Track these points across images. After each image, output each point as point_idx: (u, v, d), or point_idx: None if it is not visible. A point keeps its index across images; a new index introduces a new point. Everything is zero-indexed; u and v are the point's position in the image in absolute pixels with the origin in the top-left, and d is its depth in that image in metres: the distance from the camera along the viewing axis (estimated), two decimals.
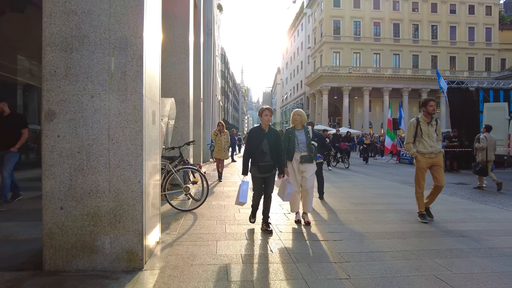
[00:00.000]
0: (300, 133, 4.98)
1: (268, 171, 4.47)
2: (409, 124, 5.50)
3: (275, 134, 4.52)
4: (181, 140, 8.04)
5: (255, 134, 4.55)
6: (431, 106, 5.34)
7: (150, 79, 3.44)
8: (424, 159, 5.27)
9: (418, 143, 5.34)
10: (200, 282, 2.91)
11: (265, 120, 4.48)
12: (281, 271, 3.23)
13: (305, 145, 4.93)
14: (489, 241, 4.30)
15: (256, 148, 4.43)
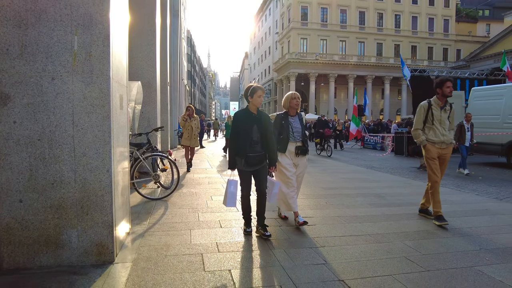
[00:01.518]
0: (295, 120, 4.27)
1: (259, 163, 3.76)
2: (419, 107, 4.70)
3: (265, 119, 3.81)
4: (148, 126, 7.73)
5: (243, 118, 3.76)
6: (448, 87, 4.47)
7: (117, 61, 3.21)
8: (434, 148, 4.57)
9: (428, 130, 4.62)
10: (176, 273, 2.82)
11: (258, 102, 3.75)
12: (258, 258, 3.20)
13: (300, 134, 4.24)
14: (451, 222, 4.53)
15: (246, 136, 3.68)
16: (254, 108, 3.79)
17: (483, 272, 2.99)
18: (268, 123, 3.84)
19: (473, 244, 3.72)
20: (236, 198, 3.79)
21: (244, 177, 3.83)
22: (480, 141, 11.62)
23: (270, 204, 4.25)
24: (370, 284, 2.73)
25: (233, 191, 3.74)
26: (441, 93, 4.52)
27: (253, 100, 3.76)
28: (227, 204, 3.77)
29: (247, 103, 3.89)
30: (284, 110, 4.39)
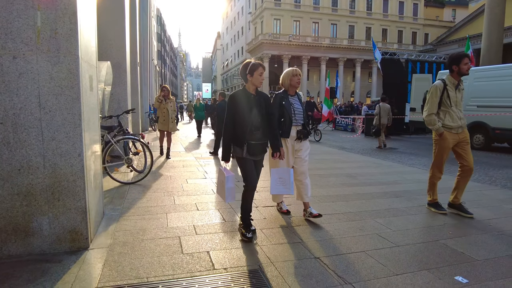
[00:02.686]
0: (295, 101, 3.82)
1: (260, 153, 3.35)
2: (433, 88, 4.08)
3: (266, 100, 3.35)
4: (118, 108, 7.47)
5: (242, 100, 3.23)
6: (466, 64, 3.92)
7: (86, 40, 3.04)
8: (451, 135, 4.05)
9: (444, 115, 4.06)
10: (154, 257, 2.80)
11: (259, 81, 3.23)
12: (236, 239, 3.24)
13: (302, 117, 3.82)
14: (419, 199, 4.78)
15: (245, 121, 3.18)
16: (253, 89, 3.28)
17: (447, 245, 3.20)
18: (269, 104, 3.40)
19: (438, 220, 3.94)
20: (235, 192, 3.29)
21: (247, 166, 3.28)
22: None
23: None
24: (344, 260, 2.85)
25: (232, 186, 3.25)
26: (457, 70, 3.96)
27: (253, 79, 3.22)
28: (226, 200, 3.23)
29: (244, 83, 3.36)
30: (283, 88, 3.91)
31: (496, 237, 3.44)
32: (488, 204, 4.65)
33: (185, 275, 2.52)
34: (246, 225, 3.29)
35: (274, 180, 3.57)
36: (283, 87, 3.90)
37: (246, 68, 3.25)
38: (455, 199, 4.20)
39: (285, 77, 3.85)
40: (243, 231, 3.24)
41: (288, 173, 3.51)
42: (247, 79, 3.26)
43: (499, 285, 2.50)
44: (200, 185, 5.39)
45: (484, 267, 2.78)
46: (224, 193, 3.21)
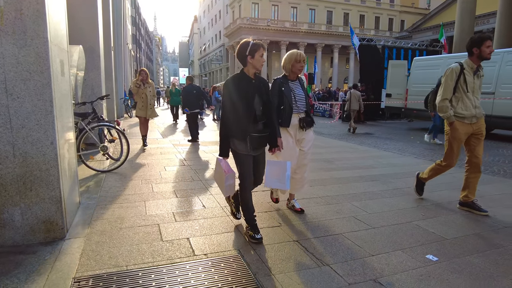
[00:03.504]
0: (296, 86, 3.47)
1: (262, 145, 3.05)
2: (448, 71, 3.70)
3: (265, 86, 3.01)
4: (92, 94, 7.21)
5: (242, 87, 2.86)
6: (489, 47, 3.55)
7: (55, 22, 2.89)
8: (464, 126, 3.68)
9: (456, 102, 3.71)
10: (133, 245, 2.78)
11: (260, 64, 2.86)
12: (216, 225, 3.26)
13: (304, 103, 3.47)
14: (394, 183, 4.94)
15: (247, 110, 2.84)
16: (252, 73, 2.91)
17: (419, 226, 3.34)
18: (268, 90, 3.08)
19: (411, 202, 4.10)
20: (235, 187, 3.06)
21: (246, 163, 2.96)
22: (419, 108, 12.52)
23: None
24: (322, 243, 2.92)
25: (232, 183, 2.98)
26: (477, 54, 3.60)
27: (254, 61, 2.83)
28: (226, 194, 3.08)
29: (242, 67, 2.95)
30: (283, 73, 3.55)
31: (464, 217, 3.62)
32: (458, 186, 4.84)
33: (165, 262, 2.52)
34: (252, 227, 2.97)
35: (269, 172, 3.23)
36: (284, 70, 3.50)
37: (246, 49, 2.81)
38: (466, 197, 3.86)
39: (287, 61, 3.43)
40: (250, 233, 2.93)
41: (285, 166, 3.13)
42: (246, 61, 2.84)
43: (466, 261, 2.65)
44: (178, 172, 5.34)
45: (453, 245, 2.93)
46: (223, 187, 2.98)
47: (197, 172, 5.37)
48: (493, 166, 6.34)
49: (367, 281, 2.33)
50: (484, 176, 5.50)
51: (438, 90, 3.88)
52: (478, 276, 2.44)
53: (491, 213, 3.72)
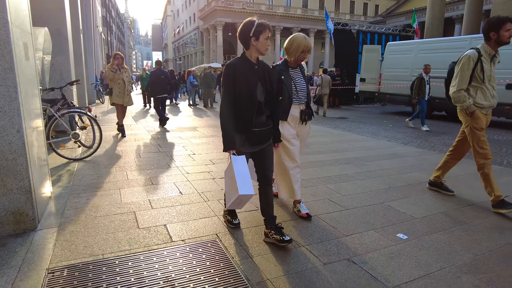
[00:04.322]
0: (297, 74, 3.12)
1: (265, 140, 2.67)
2: (464, 59, 3.40)
3: (269, 73, 2.66)
4: (61, 79, 6.91)
5: (243, 73, 2.52)
6: (509, 30, 3.25)
7: (16, 1, 2.72)
8: (483, 115, 3.47)
9: (475, 91, 3.44)
10: (109, 233, 2.74)
11: (265, 47, 2.52)
12: (193, 211, 3.26)
13: (305, 94, 3.12)
14: (367, 165, 5.09)
15: (249, 100, 2.51)
16: (255, 57, 2.57)
17: (391, 207, 3.48)
18: (273, 78, 2.74)
19: (383, 183, 4.25)
20: (250, 179, 2.47)
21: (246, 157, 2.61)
22: (391, 92, 12.83)
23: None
24: (298, 225, 3.00)
25: (245, 172, 2.44)
26: (495, 38, 3.32)
27: (258, 44, 2.48)
28: (240, 191, 2.35)
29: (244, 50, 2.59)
30: (284, 58, 3.16)
31: (433, 197, 3.80)
32: (428, 167, 5.07)
33: (142, 249, 2.51)
34: (230, 211, 2.90)
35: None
36: (286, 55, 3.10)
37: (250, 29, 2.46)
38: (437, 178, 3.98)
39: (295, 48, 2.99)
40: (228, 217, 2.83)
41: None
42: (249, 44, 2.49)
43: (433, 238, 2.80)
44: (154, 159, 5.27)
45: (421, 224, 3.08)
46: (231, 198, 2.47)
47: (173, 158, 5.31)
48: None
49: (341, 261, 2.42)
50: None
51: (452, 80, 3.52)
52: (443, 251, 2.59)
53: (456, 193, 3.92)
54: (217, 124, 9.21)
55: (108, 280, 2.10)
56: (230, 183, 2.52)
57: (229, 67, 2.55)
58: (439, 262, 2.43)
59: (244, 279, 2.16)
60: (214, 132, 7.89)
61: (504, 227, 3.05)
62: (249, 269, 2.29)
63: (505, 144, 7.16)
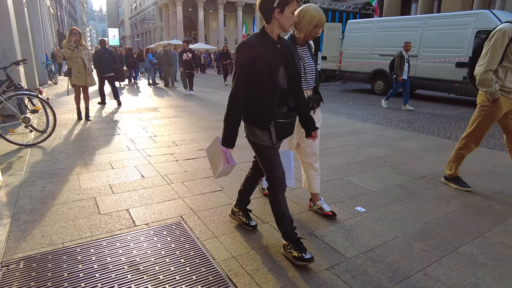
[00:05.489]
0: (306, 53, 2.61)
1: (288, 134, 2.30)
2: (499, 34, 2.98)
3: (291, 52, 2.20)
4: (4, 58, 6.38)
5: (264, 52, 2.07)
6: None
7: None
8: (507, 102, 3.11)
9: (505, 73, 3.06)
10: (68, 221, 2.65)
11: (289, 22, 2.06)
12: (156, 194, 3.22)
13: (314, 76, 2.62)
14: (327, 142, 5.25)
15: (271, 87, 2.09)
16: (277, 34, 2.13)
17: (350, 181, 3.64)
18: (297, 59, 2.37)
19: (343, 159, 4.42)
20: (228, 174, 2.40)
21: (274, 157, 2.23)
22: (352, 70, 13.16)
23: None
24: (261, 202, 3.06)
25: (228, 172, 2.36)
26: None
27: (282, 18, 2.04)
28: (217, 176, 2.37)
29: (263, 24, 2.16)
30: (290, 34, 2.58)
31: (388, 171, 4.02)
32: (384, 142, 5.33)
33: (104, 235, 2.46)
34: (295, 242, 2.22)
35: None
36: (296, 30, 2.54)
37: (273, 0, 2.03)
38: None
39: (307, 22, 2.46)
40: (295, 253, 2.17)
41: (288, 157, 2.53)
42: (271, 16, 2.06)
43: (388, 209, 2.99)
44: (113, 142, 5.08)
45: (378, 197, 3.26)
46: (217, 169, 2.35)
47: (133, 141, 5.16)
48: (414, 124, 7.02)
49: (304, 235, 2.52)
50: (406, 132, 6.10)
51: (480, 58, 3.11)
52: (398, 221, 2.78)
53: (409, 166, 4.17)
54: (179, 104, 9.02)
55: (69, 269, 2.05)
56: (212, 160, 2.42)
57: (245, 47, 2.08)
58: (394, 232, 2.61)
59: (209, 259, 2.19)
60: (176, 113, 7.71)
61: (450, 196, 3.32)
62: (214, 248, 2.32)
63: (454, 119, 7.66)
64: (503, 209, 3.04)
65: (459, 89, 9.80)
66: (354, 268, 2.15)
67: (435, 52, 10.18)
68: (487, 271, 2.14)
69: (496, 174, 3.95)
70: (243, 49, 2.08)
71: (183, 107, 8.68)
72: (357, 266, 2.17)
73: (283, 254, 2.28)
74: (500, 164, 4.32)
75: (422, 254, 2.31)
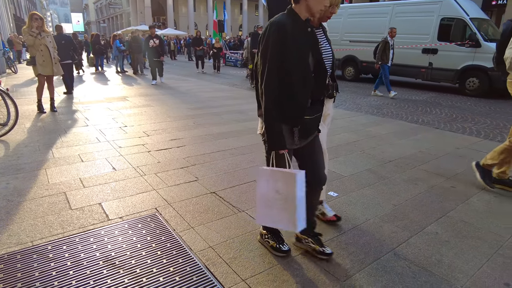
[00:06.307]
0: (321, 36, 2.13)
1: (315, 130, 2.03)
2: None
3: (314, 37, 1.94)
4: None
5: (296, 36, 1.81)
6: None
7: None
8: None
9: None
10: (37, 218, 2.55)
11: (319, 5, 1.83)
12: (129, 186, 3.16)
13: (331, 62, 2.12)
14: None
15: (305, 76, 1.84)
16: (305, 18, 1.88)
17: None
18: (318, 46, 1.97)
19: None
20: None
21: (283, 160, 1.87)
22: None
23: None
24: (237, 191, 3.08)
25: (303, 194, 1.80)
26: None
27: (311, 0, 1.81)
28: (298, 224, 1.78)
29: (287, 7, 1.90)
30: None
31: (359, 155, 4.15)
32: (355, 128, 5.47)
33: (77, 231, 2.40)
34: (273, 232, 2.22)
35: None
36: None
37: None
38: (503, 174, 3.24)
39: None
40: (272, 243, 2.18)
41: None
42: None
43: (359, 193, 3.10)
44: (81, 134, 4.90)
45: (349, 181, 3.37)
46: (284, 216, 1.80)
47: (103, 132, 5.00)
48: (383, 109, 7.24)
49: None
50: (376, 118, 6.28)
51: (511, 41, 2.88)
52: (368, 205, 2.89)
53: (379, 150, 4.32)
54: (149, 93, 8.79)
55: (40, 268, 1.99)
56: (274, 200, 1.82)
57: (277, 27, 1.78)
58: (365, 215, 2.72)
59: (186, 249, 2.20)
60: (147, 102, 7.52)
61: (418, 178, 3.48)
62: (191, 239, 2.33)
63: (421, 104, 7.96)
64: (464, 189, 3.23)
65: (425, 75, 10.15)
66: None
67: (402, 38, 10.45)
68: (450, 248, 2.28)
69: (458, 156, 4.17)
70: (276, 29, 1.78)
71: (154, 95, 8.47)
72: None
73: (259, 242, 2.30)
74: (462, 147, 4.56)
75: (392, 235, 2.43)
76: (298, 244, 2.26)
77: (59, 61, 6.49)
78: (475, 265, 2.12)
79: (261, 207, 1.88)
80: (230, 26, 41.06)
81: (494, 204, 2.94)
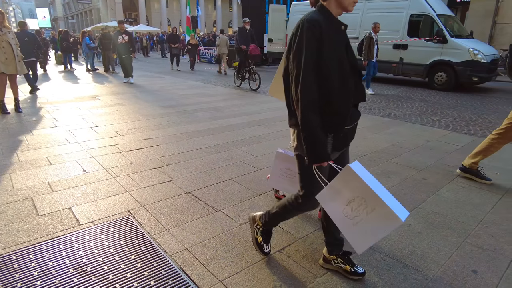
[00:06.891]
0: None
1: (351, 139, 1.85)
2: None
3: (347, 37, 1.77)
4: None
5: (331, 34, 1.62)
6: None
7: None
8: None
9: None
10: (1, 226, 2.42)
11: None
12: (101, 189, 3.05)
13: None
14: (276, 126, 5.34)
15: (344, 80, 1.65)
16: (337, 14, 1.70)
17: None
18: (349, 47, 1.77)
19: (290, 141, 4.51)
20: None
21: (322, 174, 1.69)
22: None
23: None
24: (213, 190, 3.04)
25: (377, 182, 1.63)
26: None
27: None
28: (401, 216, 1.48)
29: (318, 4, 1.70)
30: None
31: None
32: None
33: (45, 238, 2.29)
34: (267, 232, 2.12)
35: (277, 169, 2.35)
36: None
37: None
38: (474, 164, 3.35)
39: None
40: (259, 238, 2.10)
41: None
42: None
43: None
44: (49, 135, 4.69)
45: None
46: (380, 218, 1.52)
47: (72, 133, 4.81)
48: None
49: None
50: None
51: None
52: None
53: (354, 145, 4.38)
54: (121, 91, 8.55)
55: (4, 280, 1.88)
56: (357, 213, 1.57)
57: (311, 24, 1.59)
58: None
59: (161, 252, 2.14)
60: (118, 100, 7.30)
61: (391, 172, 3.56)
62: (166, 241, 2.27)
63: (393, 98, 8.16)
64: (435, 181, 3.33)
65: (396, 69, 10.42)
66: (304, 247, 2.24)
67: None
68: (422, 239, 2.35)
69: (429, 149, 4.31)
70: (311, 28, 1.58)
71: (126, 94, 8.24)
72: (307, 245, 2.26)
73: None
74: (432, 139, 4.72)
75: None
76: (326, 266, 2.04)
77: (23, 59, 6.17)
78: (446, 254, 2.19)
79: (351, 233, 1.58)
80: (204, 22, 40.58)
81: (462, 194, 3.06)
